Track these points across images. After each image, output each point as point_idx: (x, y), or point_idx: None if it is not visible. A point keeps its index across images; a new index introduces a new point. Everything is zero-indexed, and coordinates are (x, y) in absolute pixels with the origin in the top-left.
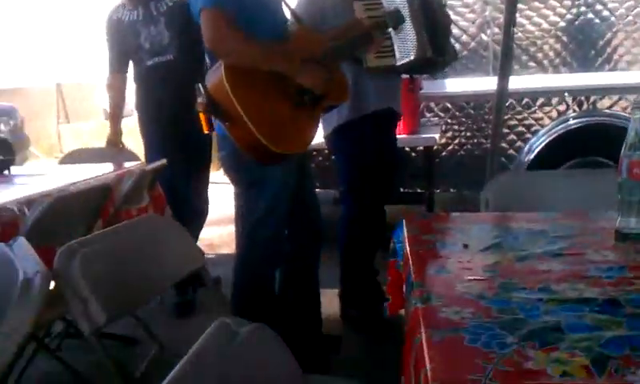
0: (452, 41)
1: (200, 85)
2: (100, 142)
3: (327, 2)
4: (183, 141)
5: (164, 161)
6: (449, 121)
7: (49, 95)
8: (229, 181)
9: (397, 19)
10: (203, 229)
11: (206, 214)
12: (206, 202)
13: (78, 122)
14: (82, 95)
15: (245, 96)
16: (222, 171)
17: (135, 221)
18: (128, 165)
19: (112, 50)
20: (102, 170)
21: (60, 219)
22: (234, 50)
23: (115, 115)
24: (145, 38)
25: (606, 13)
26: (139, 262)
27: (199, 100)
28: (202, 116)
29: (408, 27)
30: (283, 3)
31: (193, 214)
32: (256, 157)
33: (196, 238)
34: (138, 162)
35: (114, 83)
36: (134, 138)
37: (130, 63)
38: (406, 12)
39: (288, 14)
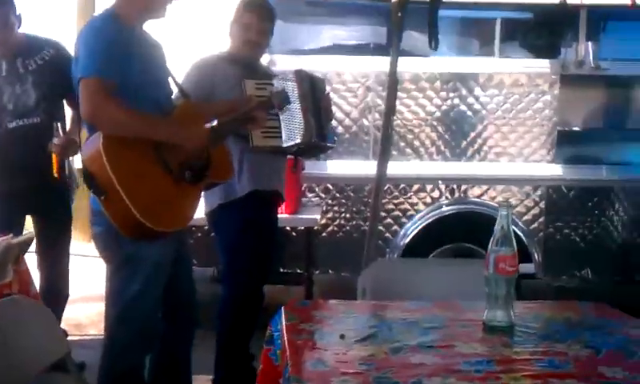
0: (334, 124)
1: (58, 124)
2: None
3: (218, 75)
4: (40, 212)
5: (32, 233)
6: (329, 202)
7: None
8: (100, 256)
9: (282, 100)
10: (70, 306)
11: (66, 294)
12: (65, 280)
13: None
14: None
15: (122, 169)
16: (93, 244)
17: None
18: None
19: None
20: None
21: None
22: (113, 119)
23: None
24: (8, 97)
25: (477, 106)
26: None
27: (55, 141)
28: (54, 158)
29: (296, 110)
30: (170, 77)
31: (50, 294)
32: (131, 234)
33: (58, 319)
34: (4, 236)
35: None
36: None
37: None
38: (295, 95)
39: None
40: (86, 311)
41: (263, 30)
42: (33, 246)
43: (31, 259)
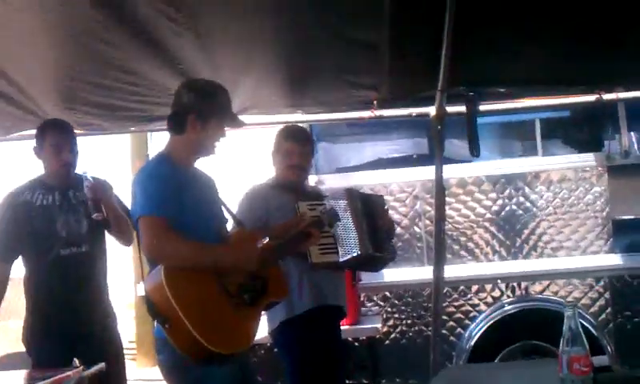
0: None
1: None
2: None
3: (270, 203)
4: (89, 343)
5: (102, 365)
6: (389, 309)
7: None
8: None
9: (331, 217)
10: None
11: None
12: None
13: (6, 320)
14: (13, 292)
15: (184, 298)
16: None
17: None
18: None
19: (10, 236)
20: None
21: None
22: (173, 254)
23: None
24: (62, 225)
25: (527, 204)
26: None
27: (86, 183)
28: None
29: (349, 225)
30: (223, 207)
31: None
32: (195, 359)
33: None
34: (75, 368)
35: (4, 272)
36: None
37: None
38: (347, 211)
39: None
40: None
41: (304, 153)
42: None
43: None
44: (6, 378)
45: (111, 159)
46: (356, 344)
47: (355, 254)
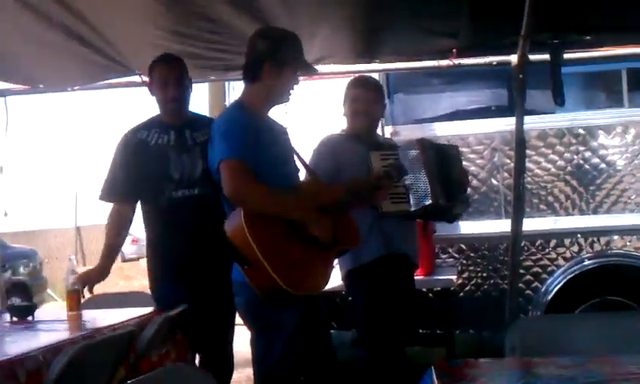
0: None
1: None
2: (116, 285)
3: (343, 152)
4: (205, 288)
5: (184, 306)
6: (464, 262)
7: (67, 237)
8: (244, 324)
9: (399, 171)
10: None
11: (232, 370)
12: (231, 356)
13: (94, 264)
14: (100, 237)
15: (262, 240)
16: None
17: (165, 370)
18: (148, 310)
19: (125, 175)
20: (126, 316)
21: (85, 368)
22: (253, 199)
23: (112, 253)
24: (175, 166)
25: (611, 158)
26: None
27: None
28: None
29: (421, 176)
30: (296, 156)
31: (217, 370)
32: (272, 299)
33: None
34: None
35: (123, 213)
36: None
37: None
38: (419, 162)
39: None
40: (236, 376)
41: (369, 99)
42: None
43: None
44: (91, 315)
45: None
46: (430, 295)
47: (426, 203)
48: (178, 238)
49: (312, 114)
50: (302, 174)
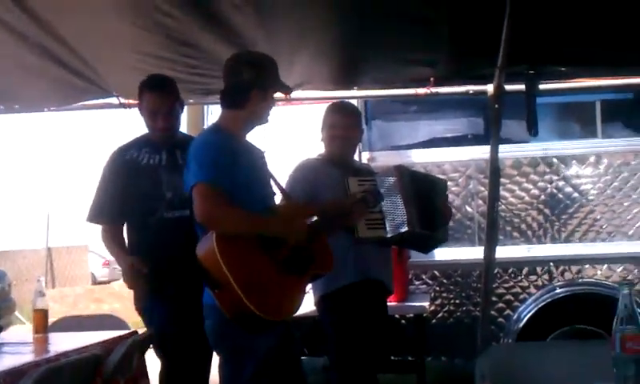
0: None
1: None
2: (86, 308)
3: (320, 177)
4: (191, 309)
5: (152, 330)
6: (437, 288)
7: (37, 258)
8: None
9: (375, 197)
10: None
11: None
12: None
13: (64, 286)
14: (70, 259)
15: (234, 265)
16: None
17: None
18: (118, 333)
19: (115, 195)
20: (93, 339)
21: None
22: (226, 220)
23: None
24: (167, 186)
25: (584, 187)
26: None
27: None
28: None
29: (398, 202)
30: (272, 180)
31: None
32: (243, 325)
33: None
34: (129, 330)
35: (114, 233)
36: (121, 304)
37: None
38: (396, 188)
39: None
40: None
41: (347, 124)
42: None
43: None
44: (57, 338)
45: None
46: (403, 321)
47: (402, 230)
48: (167, 258)
49: (289, 139)
50: (278, 198)
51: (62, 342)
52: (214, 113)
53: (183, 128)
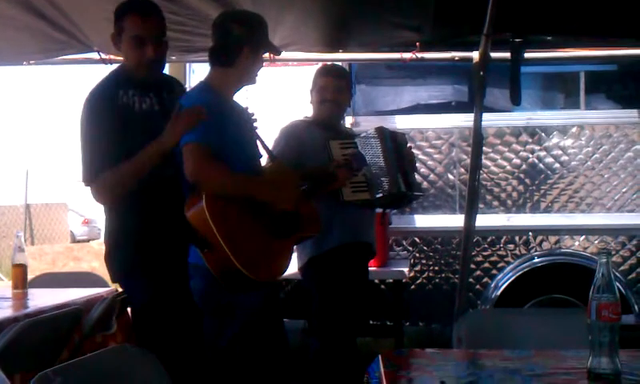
0: (419, 179)
1: None
2: (65, 266)
3: (305, 138)
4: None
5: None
6: (417, 255)
7: (16, 214)
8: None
9: (359, 161)
10: None
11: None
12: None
13: (42, 243)
14: (49, 217)
15: (223, 224)
16: None
17: (113, 350)
18: (97, 290)
19: (112, 151)
20: (73, 296)
21: (28, 346)
22: (216, 179)
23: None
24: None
25: (565, 158)
26: None
27: None
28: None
29: (380, 164)
30: (258, 141)
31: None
32: (229, 284)
33: None
34: (108, 288)
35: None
36: (100, 262)
37: None
38: (378, 150)
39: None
40: None
41: (338, 87)
42: None
43: None
44: (37, 294)
45: None
46: (382, 286)
47: (386, 192)
48: (165, 224)
49: (273, 100)
50: (264, 159)
51: (41, 298)
52: (196, 72)
53: None
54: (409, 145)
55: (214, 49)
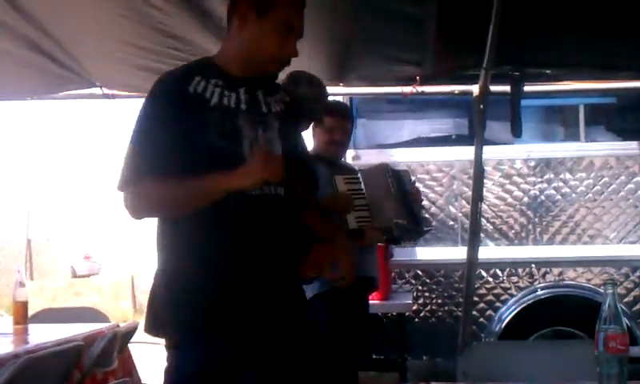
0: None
1: None
2: (66, 301)
3: None
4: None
5: (136, 322)
6: (420, 288)
7: (16, 250)
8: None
9: (362, 196)
10: None
11: None
12: None
13: (43, 279)
14: (50, 252)
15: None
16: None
17: None
18: (98, 326)
19: (172, 138)
20: (73, 331)
21: (29, 382)
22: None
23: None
24: (249, 144)
25: (566, 190)
26: None
27: None
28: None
29: (385, 200)
30: None
31: None
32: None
33: None
34: (110, 324)
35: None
36: (101, 297)
37: None
38: (382, 186)
39: None
40: None
41: (346, 129)
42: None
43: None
44: (37, 329)
45: None
46: (385, 320)
47: (392, 227)
48: (249, 259)
49: None
50: None
51: (42, 334)
52: None
53: None
54: (413, 179)
55: None
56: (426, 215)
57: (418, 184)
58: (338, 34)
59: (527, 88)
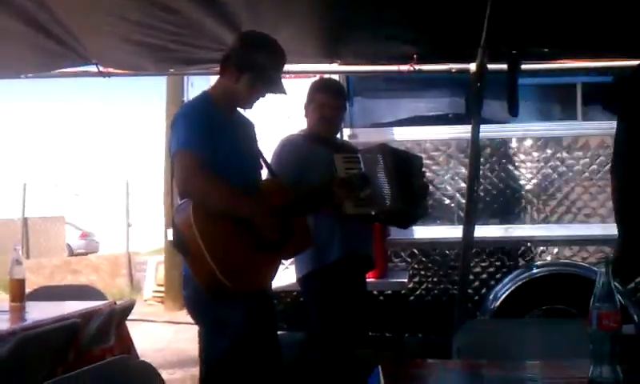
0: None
1: None
2: (63, 279)
3: (305, 154)
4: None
5: (133, 300)
6: (416, 266)
7: (13, 228)
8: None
9: (363, 180)
10: (166, 370)
11: None
12: None
13: (39, 257)
14: (46, 230)
15: (207, 231)
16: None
17: (112, 362)
18: (95, 303)
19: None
20: (70, 309)
21: (26, 359)
22: (202, 189)
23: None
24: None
25: (563, 169)
26: None
27: None
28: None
29: (382, 180)
30: (260, 156)
31: None
32: (210, 291)
33: None
34: (107, 301)
35: None
36: (98, 275)
37: None
38: (380, 166)
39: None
40: (181, 375)
41: (336, 106)
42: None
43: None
44: (34, 307)
45: (147, 104)
46: (381, 298)
47: (387, 208)
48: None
49: (268, 112)
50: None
51: (39, 311)
52: (194, 85)
53: (162, 99)
54: (423, 170)
55: (222, 59)
56: (426, 202)
57: None
58: (333, 12)
59: (524, 66)
